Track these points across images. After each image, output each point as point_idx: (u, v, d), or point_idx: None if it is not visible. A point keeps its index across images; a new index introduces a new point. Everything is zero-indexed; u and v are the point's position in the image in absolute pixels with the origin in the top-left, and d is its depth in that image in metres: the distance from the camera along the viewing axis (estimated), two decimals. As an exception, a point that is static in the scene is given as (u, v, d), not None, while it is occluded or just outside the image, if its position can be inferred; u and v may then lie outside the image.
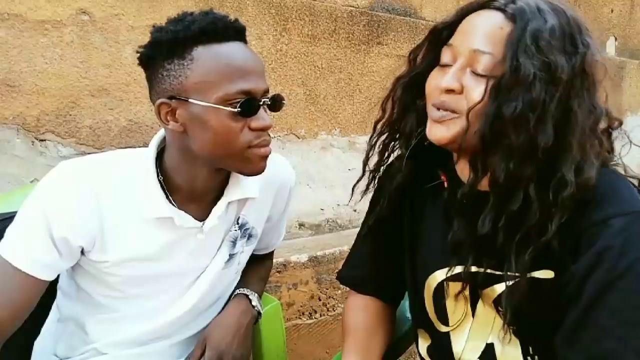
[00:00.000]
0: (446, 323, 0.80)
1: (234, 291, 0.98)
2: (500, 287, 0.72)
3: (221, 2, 1.65)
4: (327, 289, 1.81)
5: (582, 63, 0.65)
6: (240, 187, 0.86)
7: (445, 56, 0.71)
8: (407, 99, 0.79)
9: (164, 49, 0.74)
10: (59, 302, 0.90)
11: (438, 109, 0.70)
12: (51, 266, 0.76)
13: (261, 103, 0.76)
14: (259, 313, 0.96)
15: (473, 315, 0.77)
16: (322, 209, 2.02)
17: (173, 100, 0.75)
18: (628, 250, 0.62)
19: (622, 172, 0.73)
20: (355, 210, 2.09)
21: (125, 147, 1.52)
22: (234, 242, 0.90)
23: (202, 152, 0.77)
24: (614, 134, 0.74)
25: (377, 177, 0.87)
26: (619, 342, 0.62)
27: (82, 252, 0.80)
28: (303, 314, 1.81)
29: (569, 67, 0.64)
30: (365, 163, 0.85)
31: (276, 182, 0.95)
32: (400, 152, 0.82)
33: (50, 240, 0.74)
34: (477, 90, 0.66)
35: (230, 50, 0.75)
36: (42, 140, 1.40)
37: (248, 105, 0.74)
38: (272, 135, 1.83)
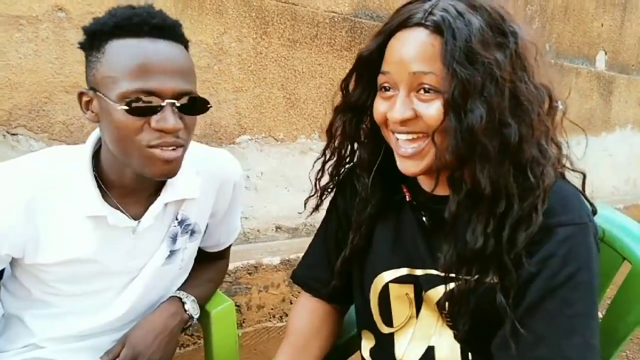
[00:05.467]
0: (390, 324, 0.81)
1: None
2: (444, 290, 0.71)
3: (201, 4, 1.66)
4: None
5: (516, 48, 0.65)
6: (178, 187, 0.85)
7: (383, 82, 0.70)
8: (349, 128, 0.79)
9: (87, 40, 0.75)
10: (2, 298, 0.90)
11: (400, 138, 0.69)
12: None
13: (164, 104, 0.72)
14: (191, 317, 0.94)
15: (417, 317, 0.78)
16: (299, 213, 2.02)
17: (90, 91, 0.75)
18: (571, 259, 0.63)
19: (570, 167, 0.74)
20: (333, 215, 2.10)
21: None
22: (174, 238, 0.90)
23: (111, 147, 0.76)
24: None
25: (333, 187, 0.88)
26: (552, 350, 0.62)
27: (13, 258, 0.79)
28: (274, 316, 1.81)
29: (508, 58, 0.64)
30: (316, 179, 0.86)
31: (218, 177, 0.94)
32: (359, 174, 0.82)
33: None
34: (432, 111, 0.65)
35: (140, 46, 0.71)
36: (13, 135, 1.41)
37: (143, 105, 0.71)
38: (249, 137, 1.80)
